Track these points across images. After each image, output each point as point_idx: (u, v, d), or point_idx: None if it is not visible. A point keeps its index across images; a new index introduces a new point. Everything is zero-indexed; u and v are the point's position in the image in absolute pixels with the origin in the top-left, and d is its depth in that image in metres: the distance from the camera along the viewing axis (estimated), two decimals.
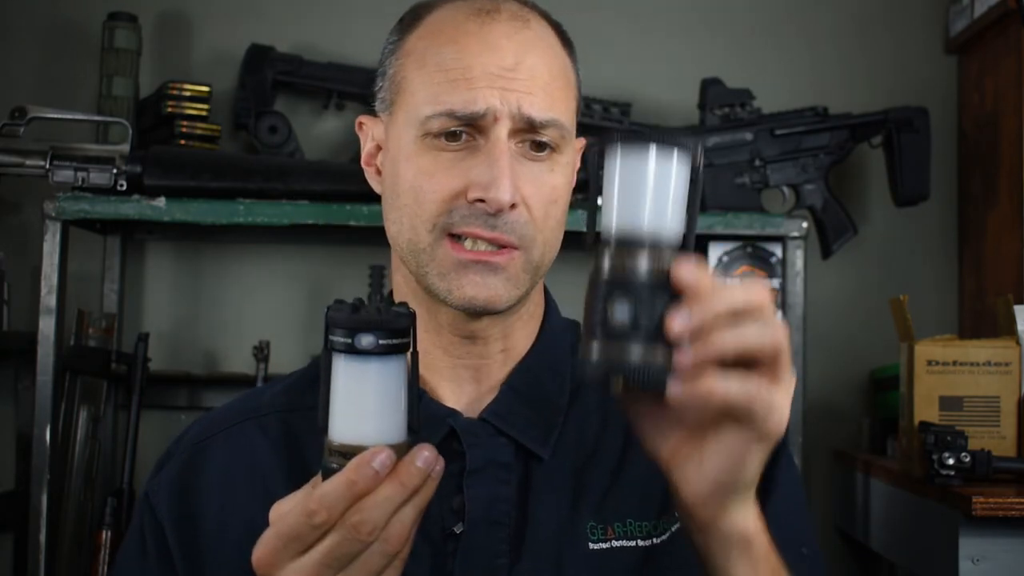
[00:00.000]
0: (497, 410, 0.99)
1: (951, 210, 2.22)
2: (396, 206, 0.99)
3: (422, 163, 0.96)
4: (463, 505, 0.95)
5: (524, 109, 0.95)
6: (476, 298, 0.95)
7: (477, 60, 0.95)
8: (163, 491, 1.00)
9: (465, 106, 0.94)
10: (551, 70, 0.98)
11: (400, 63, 1.01)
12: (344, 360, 0.76)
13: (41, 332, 1.80)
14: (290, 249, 2.18)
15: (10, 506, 1.99)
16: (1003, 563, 1.44)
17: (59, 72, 2.17)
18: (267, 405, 1.04)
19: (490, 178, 0.93)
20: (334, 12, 2.21)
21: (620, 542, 0.97)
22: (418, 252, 0.97)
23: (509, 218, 0.94)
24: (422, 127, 0.96)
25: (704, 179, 1.95)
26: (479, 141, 0.95)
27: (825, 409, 2.14)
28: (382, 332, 0.75)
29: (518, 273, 0.97)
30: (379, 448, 0.74)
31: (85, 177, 1.84)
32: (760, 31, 2.24)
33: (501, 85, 0.95)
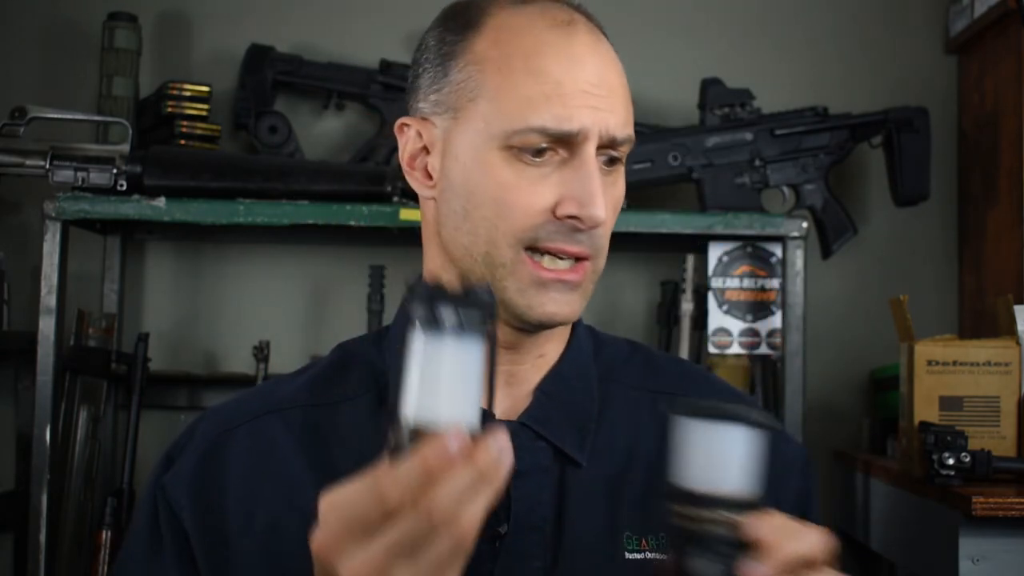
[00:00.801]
0: (534, 415, 0.99)
1: (951, 210, 2.22)
2: (469, 216, 0.96)
3: (504, 175, 0.94)
4: (502, 506, 0.94)
5: (611, 129, 0.95)
6: (557, 315, 0.96)
7: (568, 75, 0.94)
8: (183, 483, 0.97)
9: (559, 124, 0.93)
10: (624, 84, 0.98)
11: (471, 69, 0.96)
12: (424, 334, 0.73)
13: (41, 332, 1.80)
14: (290, 249, 2.18)
15: (10, 506, 1.99)
16: (1003, 563, 1.44)
17: (59, 72, 2.17)
18: (290, 399, 1.02)
19: (586, 195, 0.93)
20: (334, 12, 2.21)
21: (653, 554, 0.96)
22: (496, 266, 0.95)
23: (596, 232, 0.95)
24: (506, 139, 0.94)
25: (704, 179, 1.98)
26: (563, 155, 0.94)
27: (825, 409, 2.14)
28: (465, 308, 0.73)
29: (588, 285, 0.98)
30: (455, 430, 0.72)
31: (85, 177, 1.84)
32: (760, 31, 2.24)
33: (592, 104, 0.94)
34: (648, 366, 1.08)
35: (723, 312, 1.95)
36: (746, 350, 1.94)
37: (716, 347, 1.94)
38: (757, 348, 1.94)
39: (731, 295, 1.95)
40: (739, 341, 1.94)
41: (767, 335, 1.94)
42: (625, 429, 1.02)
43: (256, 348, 2.05)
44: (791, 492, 1.04)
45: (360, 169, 1.94)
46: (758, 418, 0.79)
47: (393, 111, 2.07)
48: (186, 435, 1.02)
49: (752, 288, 1.95)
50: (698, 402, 0.77)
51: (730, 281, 1.95)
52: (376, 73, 2.10)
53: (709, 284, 1.95)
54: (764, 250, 1.94)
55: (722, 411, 0.77)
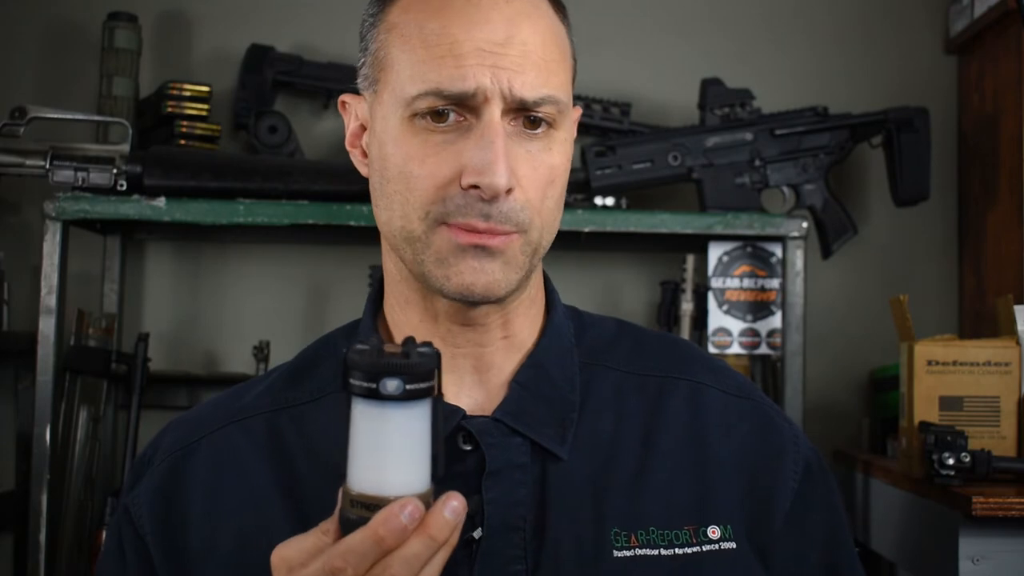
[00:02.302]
0: (509, 409, 0.94)
1: (951, 210, 2.22)
2: (385, 192, 0.92)
3: (411, 147, 0.90)
4: (477, 508, 0.90)
5: (516, 90, 0.89)
6: (474, 285, 0.90)
7: (466, 34, 0.89)
8: (144, 504, 0.95)
9: (452, 83, 0.88)
10: (544, 42, 0.91)
11: (383, 38, 0.93)
12: (365, 405, 0.71)
13: (41, 332, 1.80)
14: (290, 249, 2.18)
15: (10, 506, 1.99)
16: (1003, 563, 1.44)
17: (59, 72, 2.17)
18: (251, 407, 0.99)
19: (484, 162, 0.87)
20: (334, 12, 2.21)
21: (643, 551, 0.92)
22: (412, 240, 0.91)
23: (504, 205, 0.89)
24: (408, 107, 0.89)
25: (704, 179, 1.98)
26: (470, 121, 0.89)
27: (825, 409, 2.14)
28: (408, 376, 0.70)
29: (516, 255, 0.91)
30: (407, 500, 0.70)
31: (85, 177, 1.84)
32: (760, 31, 2.24)
33: (492, 62, 0.88)
34: (635, 347, 1.03)
35: (723, 312, 1.95)
36: (746, 350, 1.94)
37: (716, 347, 1.94)
38: (757, 348, 1.94)
39: (731, 295, 1.95)
40: (739, 341, 1.94)
41: (767, 335, 1.94)
42: (610, 417, 0.97)
43: (256, 348, 2.05)
44: (787, 493, 0.98)
45: None
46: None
47: None
48: (150, 450, 1.00)
49: (752, 288, 1.95)
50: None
51: (730, 281, 1.95)
52: None
53: (709, 284, 1.95)
54: (764, 250, 1.94)
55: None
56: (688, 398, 0.99)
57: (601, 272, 2.19)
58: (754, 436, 1.00)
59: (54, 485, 1.82)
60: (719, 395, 1.01)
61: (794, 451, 1.01)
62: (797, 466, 1.00)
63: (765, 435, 1.00)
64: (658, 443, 0.96)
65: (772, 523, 0.97)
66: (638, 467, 0.95)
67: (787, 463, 1.00)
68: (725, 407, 1.00)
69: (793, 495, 0.99)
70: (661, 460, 0.95)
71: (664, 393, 0.99)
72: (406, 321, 0.97)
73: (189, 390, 2.11)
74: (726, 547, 0.93)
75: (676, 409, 0.98)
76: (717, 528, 0.94)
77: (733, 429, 0.99)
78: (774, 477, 0.99)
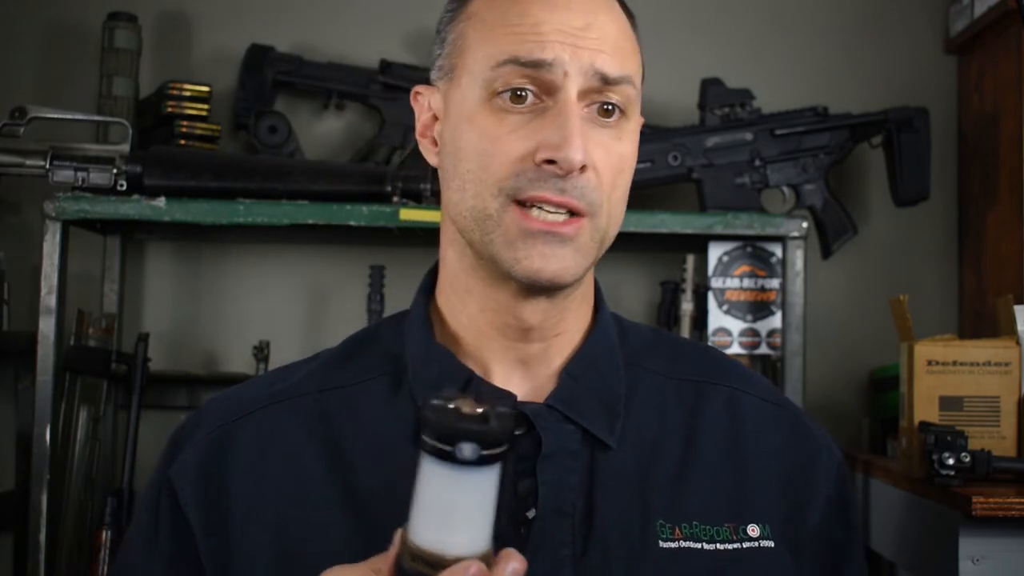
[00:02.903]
0: (562, 396, 0.95)
1: (951, 210, 2.22)
2: (458, 172, 0.94)
3: (487, 126, 0.91)
4: (529, 490, 0.91)
5: (597, 64, 0.91)
6: (544, 270, 0.91)
7: (547, 16, 0.91)
8: (188, 475, 0.95)
9: (530, 53, 0.90)
10: (621, 30, 0.96)
11: (462, 27, 0.96)
12: (437, 465, 0.70)
13: (41, 332, 1.80)
14: (290, 249, 2.18)
15: (10, 506, 1.99)
16: (1003, 563, 1.44)
17: (59, 72, 2.17)
18: (300, 387, 0.99)
19: (561, 138, 0.89)
20: (334, 12, 2.21)
21: (687, 543, 0.93)
22: (483, 219, 0.92)
23: (579, 182, 0.90)
24: (487, 86, 0.91)
25: (704, 179, 1.98)
26: (547, 103, 0.91)
27: (825, 409, 2.14)
28: (486, 443, 0.69)
29: (587, 242, 0.92)
30: (471, 562, 0.70)
31: (85, 177, 1.84)
32: (760, 31, 2.24)
33: (572, 42, 0.91)
34: (673, 353, 1.05)
35: (723, 312, 1.95)
36: (746, 350, 1.94)
37: (716, 347, 1.94)
38: (757, 348, 1.94)
39: (731, 295, 1.95)
40: (739, 341, 1.94)
41: (767, 335, 1.94)
42: (652, 416, 0.98)
43: (256, 348, 2.05)
44: (820, 498, 1.01)
45: (360, 169, 1.94)
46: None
47: (393, 111, 2.07)
48: (191, 424, 1.00)
49: (752, 288, 1.95)
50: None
51: (730, 281, 1.95)
52: (376, 73, 2.10)
53: (709, 284, 1.95)
54: (764, 250, 1.94)
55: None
56: (726, 404, 1.02)
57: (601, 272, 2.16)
58: (789, 442, 1.02)
59: (54, 485, 1.82)
60: (755, 401, 1.03)
61: (828, 457, 1.05)
62: (830, 472, 1.04)
63: (799, 441, 1.03)
64: (698, 445, 0.98)
65: (805, 526, 0.99)
66: (680, 466, 0.96)
67: (820, 469, 1.03)
68: (761, 414, 1.02)
69: (826, 502, 1.01)
70: (701, 461, 0.97)
71: (702, 397, 1.01)
72: (463, 309, 0.98)
73: (189, 390, 2.11)
74: (765, 545, 0.95)
75: (715, 414, 1.00)
76: (756, 527, 0.95)
77: (769, 435, 1.01)
78: (808, 482, 1.01)
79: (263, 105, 2.07)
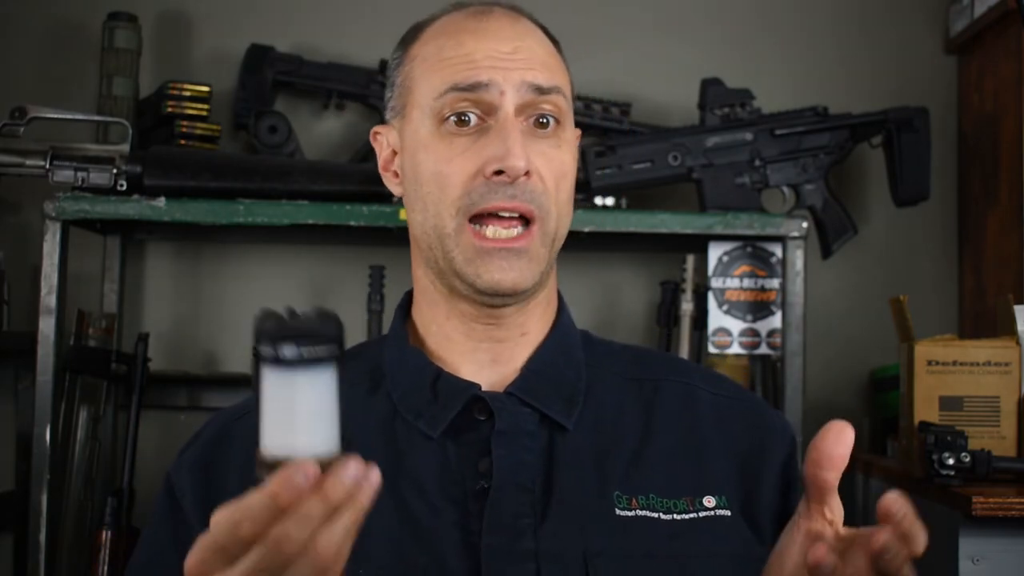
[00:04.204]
0: (521, 386, 1.04)
1: (951, 210, 2.22)
2: (419, 196, 1.04)
3: (439, 150, 1.02)
4: (488, 468, 0.99)
5: (528, 78, 1.01)
6: (503, 282, 1.00)
7: (477, 45, 1.02)
8: (185, 469, 1.03)
9: (467, 79, 1.01)
10: (547, 51, 1.06)
11: (407, 69, 1.07)
12: (270, 371, 0.73)
13: (41, 332, 1.80)
14: (290, 249, 2.18)
15: (10, 506, 1.99)
16: (1003, 563, 1.44)
17: (59, 72, 2.17)
18: None
19: (504, 149, 0.99)
20: (334, 12, 2.21)
21: (644, 512, 0.99)
22: (444, 237, 1.02)
23: (527, 187, 1.00)
24: (435, 115, 1.02)
25: (704, 179, 1.97)
26: (489, 122, 1.01)
27: (825, 409, 2.13)
28: (308, 341, 0.72)
29: (538, 250, 1.02)
30: (304, 462, 0.72)
31: (85, 177, 1.84)
32: (760, 31, 2.24)
33: (504, 65, 1.01)
34: (636, 359, 1.12)
35: (723, 312, 1.95)
36: (746, 350, 1.94)
37: (716, 347, 1.94)
38: (757, 348, 1.94)
39: (731, 295, 1.95)
40: (739, 341, 1.94)
41: (767, 335, 1.94)
42: (611, 407, 1.06)
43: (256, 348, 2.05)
44: (776, 464, 1.06)
45: (360, 169, 1.94)
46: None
47: None
48: (204, 426, 1.08)
49: (752, 288, 1.95)
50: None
51: (730, 281, 1.95)
52: (376, 73, 2.10)
53: (709, 284, 1.95)
54: (764, 250, 1.94)
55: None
56: (682, 396, 1.09)
57: (601, 272, 2.19)
58: (744, 425, 1.08)
59: (54, 485, 1.82)
60: (711, 396, 1.09)
61: (780, 437, 1.09)
62: (783, 451, 1.08)
63: (755, 423, 1.09)
64: (655, 430, 1.05)
65: (761, 499, 1.04)
66: (638, 448, 1.03)
67: (775, 451, 1.07)
68: (716, 404, 1.09)
69: (778, 478, 1.06)
70: (659, 446, 1.04)
71: (659, 391, 1.09)
72: (433, 319, 1.07)
73: (189, 390, 2.12)
74: (721, 514, 1.01)
75: (671, 405, 1.08)
76: (712, 498, 1.02)
77: (725, 421, 1.08)
78: (763, 463, 1.06)
79: (263, 105, 2.07)
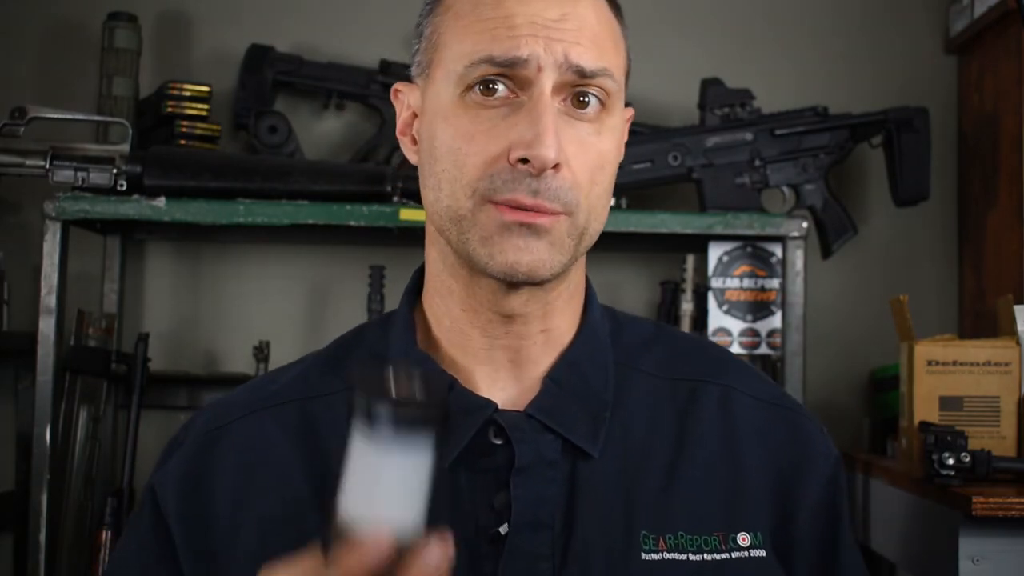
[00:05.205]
0: (542, 405, 0.93)
1: (951, 210, 2.22)
2: (434, 172, 0.92)
3: (460, 124, 0.89)
4: (505, 504, 0.89)
5: (572, 57, 0.88)
6: (519, 263, 0.88)
7: (518, 9, 0.88)
8: (170, 484, 0.93)
9: (506, 52, 0.87)
10: (600, 22, 0.92)
11: (437, 21, 0.93)
12: (362, 441, 0.70)
13: (41, 332, 1.80)
14: (290, 249, 2.18)
15: (10, 506, 1.99)
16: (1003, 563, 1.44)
17: (59, 72, 2.17)
18: (283, 394, 0.97)
19: (533, 135, 0.86)
20: (334, 12, 2.21)
21: (672, 555, 0.90)
22: (459, 219, 0.90)
23: (553, 182, 0.88)
24: (461, 81, 0.89)
25: (704, 179, 1.97)
26: (521, 98, 0.89)
27: (825, 409, 2.14)
28: (411, 419, 0.69)
29: (563, 238, 0.90)
30: (381, 540, 0.69)
31: (85, 177, 1.84)
32: (760, 31, 2.24)
33: (546, 35, 0.88)
34: (671, 351, 1.02)
35: (723, 312, 1.95)
36: (746, 350, 1.94)
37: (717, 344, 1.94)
38: (757, 348, 1.94)
39: (731, 295, 1.95)
40: (739, 341, 1.94)
41: (767, 335, 1.94)
42: (642, 419, 0.96)
43: (256, 348, 2.05)
44: (811, 503, 0.97)
45: (360, 169, 1.94)
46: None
47: (393, 111, 2.06)
48: (184, 430, 0.99)
49: (752, 288, 1.95)
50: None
51: (730, 281, 1.95)
52: (376, 73, 2.10)
53: (709, 284, 1.95)
54: (764, 250, 1.94)
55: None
56: (719, 403, 0.99)
57: (601, 272, 2.19)
58: (785, 444, 0.99)
59: (54, 485, 1.82)
60: (751, 401, 1.00)
61: (823, 464, 1.00)
62: (823, 475, 1.00)
63: (796, 444, 1.00)
64: (689, 448, 0.96)
65: (796, 532, 0.97)
66: (669, 471, 0.94)
67: (813, 474, 0.99)
68: (756, 414, 0.99)
69: (817, 506, 0.98)
70: (692, 465, 0.95)
71: (695, 398, 0.98)
72: (446, 311, 0.96)
73: (189, 390, 2.12)
74: (756, 555, 0.93)
75: (707, 415, 0.98)
76: (747, 535, 0.93)
77: (764, 436, 0.98)
78: (801, 486, 0.98)
79: (263, 105, 2.07)
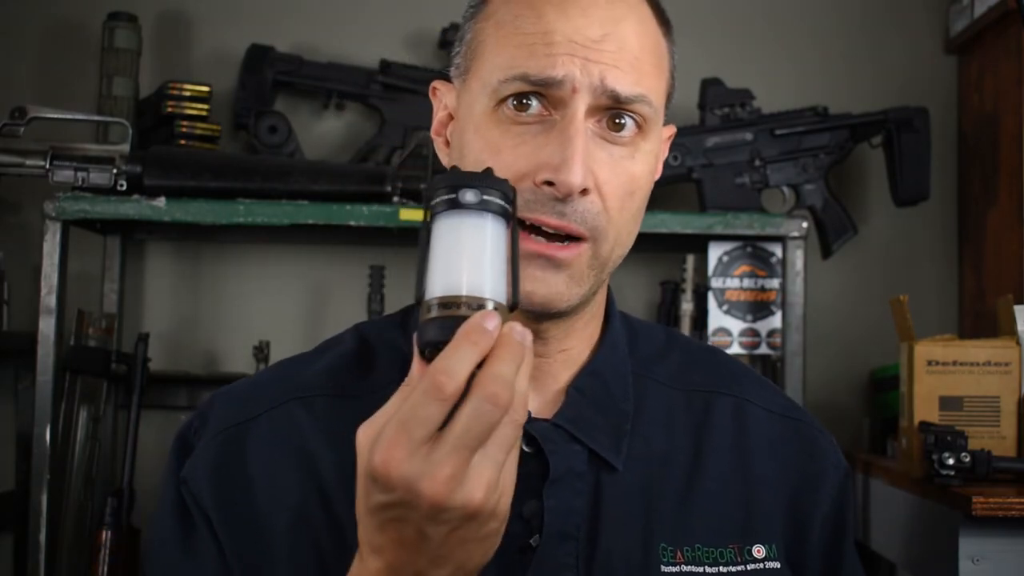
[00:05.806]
0: (569, 414, 0.92)
1: (951, 210, 2.22)
2: None
3: (491, 137, 0.88)
4: (534, 514, 0.89)
5: (608, 81, 0.86)
6: (535, 294, 0.87)
7: (558, 26, 0.87)
8: (202, 478, 0.92)
9: (541, 71, 0.86)
10: (643, 46, 0.89)
11: (479, 27, 0.92)
12: (446, 218, 0.73)
13: (41, 332, 1.80)
14: (290, 249, 2.18)
15: (10, 506, 1.99)
16: (1003, 563, 1.44)
17: (59, 72, 2.17)
18: (313, 385, 0.96)
19: (561, 159, 0.85)
20: (334, 12, 2.21)
21: (689, 567, 0.91)
22: None
23: (579, 205, 0.86)
24: (495, 94, 0.88)
25: (704, 179, 1.98)
26: (554, 117, 0.87)
27: (825, 409, 2.14)
28: (485, 189, 0.73)
29: (583, 270, 0.89)
30: (488, 312, 0.69)
31: (85, 177, 1.84)
32: (760, 31, 2.24)
33: (584, 55, 0.86)
34: (683, 360, 1.02)
35: (723, 312, 1.95)
36: (746, 350, 1.94)
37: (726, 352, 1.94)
38: (757, 348, 1.94)
39: (731, 295, 1.95)
40: (739, 341, 1.94)
41: (767, 335, 1.94)
42: (660, 430, 0.96)
43: (256, 348, 2.05)
44: (822, 514, 0.99)
45: (360, 169, 1.94)
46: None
47: (393, 111, 2.07)
48: (199, 421, 0.96)
49: (752, 288, 1.95)
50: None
51: (730, 281, 1.95)
52: (376, 73, 2.10)
53: (709, 284, 1.95)
54: (764, 250, 1.94)
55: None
56: (733, 415, 0.99)
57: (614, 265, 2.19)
58: (799, 457, 1.00)
59: (54, 485, 1.82)
60: (765, 414, 1.01)
61: (835, 476, 1.02)
62: (834, 487, 1.02)
63: (809, 457, 1.01)
64: (706, 460, 0.96)
65: (808, 543, 0.98)
66: (686, 483, 0.94)
67: (826, 488, 1.01)
68: (769, 426, 1.00)
69: (827, 517, 1.00)
70: (709, 477, 0.95)
71: (711, 410, 0.99)
72: None
73: (189, 390, 2.12)
74: (771, 567, 0.93)
75: (722, 427, 0.98)
76: (762, 547, 0.94)
77: (778, 449, 0.99)
78: (814, 500, 0.99)
79: (263, 105, 2.07)
